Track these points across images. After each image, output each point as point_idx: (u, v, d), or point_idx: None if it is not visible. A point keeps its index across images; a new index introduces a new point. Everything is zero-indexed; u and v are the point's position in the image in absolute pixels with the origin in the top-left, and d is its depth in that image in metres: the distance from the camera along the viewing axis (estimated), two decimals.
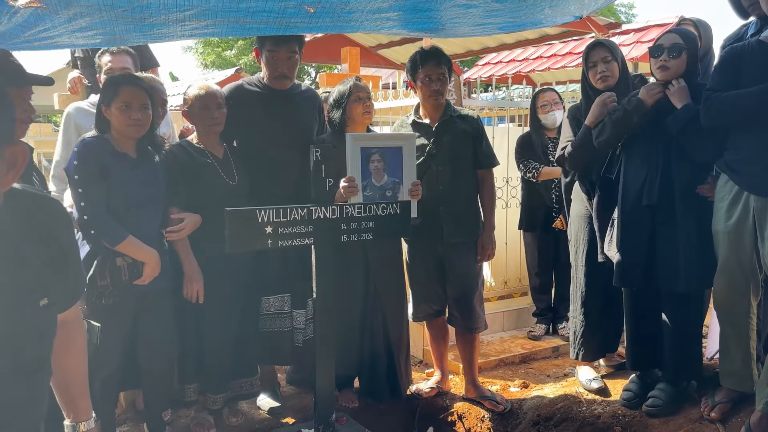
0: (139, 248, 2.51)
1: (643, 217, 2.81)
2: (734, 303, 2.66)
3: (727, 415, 2.71)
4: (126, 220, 2.52)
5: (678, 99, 2.67)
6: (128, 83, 2.52)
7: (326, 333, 2.62)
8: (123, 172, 2.52)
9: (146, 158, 2.63)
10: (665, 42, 2.72)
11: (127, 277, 2.50)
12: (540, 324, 4.45)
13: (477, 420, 3.32)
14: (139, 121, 2.51)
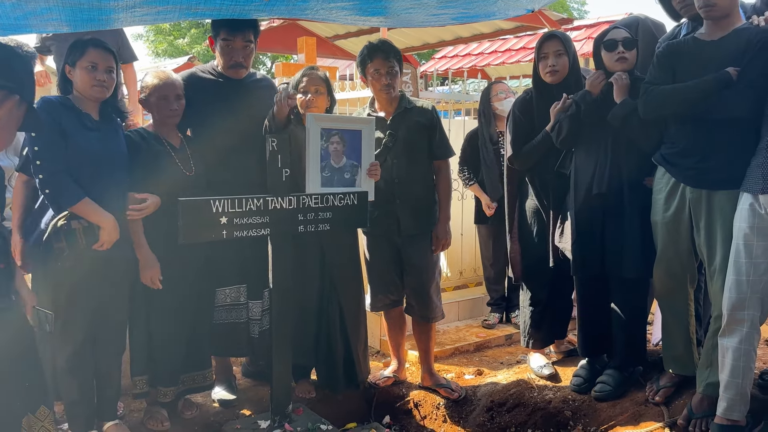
0: (95, 211, 2.44)
1: (594, 207, 2.90)
2: (673, 291, 2.78)
3: (671, 398, 2.83)
4: (84, 182, 2.44)
5: (618, 94, 2.77)
6: (96, 45, 2.48)
7: (282, 324, 2.61)
8: (83, 131, 2.45)
9: (109, 122, 2.57)
10: (617, 36, 2.81)
11: (84, 241, 2.44)
12: (494, 313, 4.54)
13: (433, 407, 3.38)
14: (104, 83, 2.47)
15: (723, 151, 2.47)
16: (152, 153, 2.73)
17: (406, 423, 3.39)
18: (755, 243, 2.34)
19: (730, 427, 2.42)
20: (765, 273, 2.36)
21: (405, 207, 3.18)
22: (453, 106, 5.30)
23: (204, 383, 3.04)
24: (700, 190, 2.55)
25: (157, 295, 2.75)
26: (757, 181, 2.33)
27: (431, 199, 3.27)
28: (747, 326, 2.39)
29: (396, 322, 3.56)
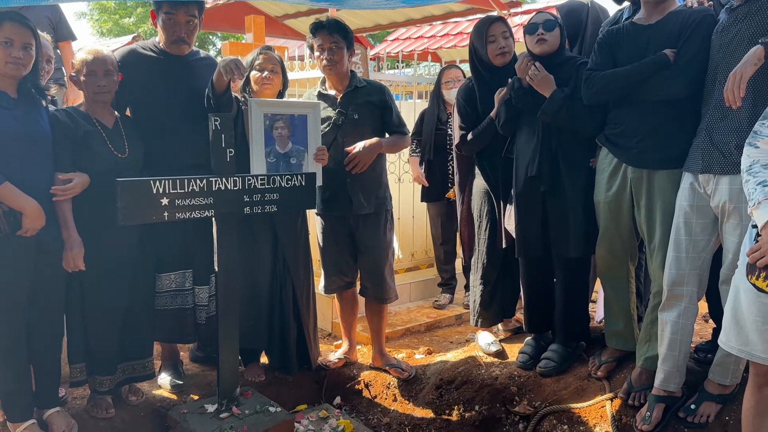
0: (15, 196, 2.33)
1: (533, 189, 2.95)
2: (614, 268, 2.86)
3: (612, 372, 2.92)
4: (2, 164, 2.32)
5: (543, 88, 2.81)
6: (12, 19, 2.34)
7: (229, 307, 2.57)
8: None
9: (28, 100, 2.44)
10: (538, 19, 2.85)
11: (7, 228, 2.33)
12: (444, 294, 4.60)
13: (383, 387, 3.40)
14: (20, 60, 2.34)
15: (662, 131, 2.54)
16: (81, 133, 2.61)
17: (357, 403, 3.40)
18: (694, 221, 2.43)
19: (666, 398, 2.52)
20: (703, 250, 2.45)
21: (356, 187, 3.16)
22: (404, 89, 5.29)
23: (144, 372, 2.95)
24: (641, 169, 2.62)
25: (90, 279, 2.65)
26: (696, 161, 2.40)
27: (382, 178, 3.27)
28: (685, 301, 2.48)
29: (348, 303, 3.56)
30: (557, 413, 2.78)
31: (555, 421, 2.76)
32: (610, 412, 2.64)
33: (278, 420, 2.61)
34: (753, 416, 2.07)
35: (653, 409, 2.50)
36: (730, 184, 2.29)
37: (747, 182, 1.95)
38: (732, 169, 2.27)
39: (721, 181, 2.32)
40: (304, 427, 2.96)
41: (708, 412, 2.47)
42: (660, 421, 2.48)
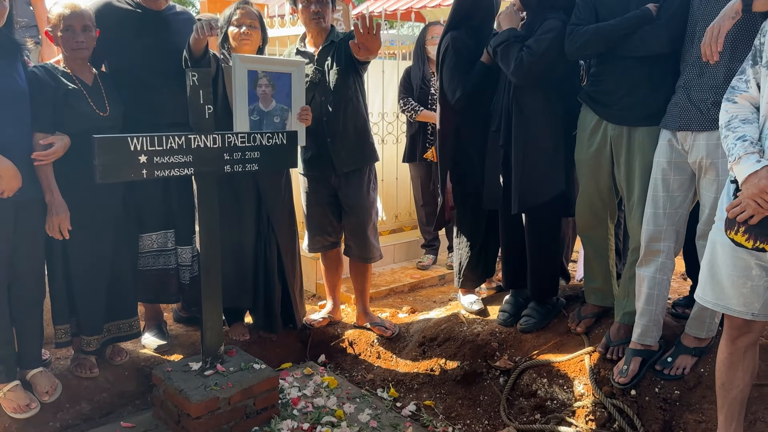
0: None
1: (496, 142, 2.98)
2: (594, 226, 2.89)
3: (591, 328, 2.97)
4: None
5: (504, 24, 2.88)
6: None
7: (211, 265, 2.56)
8: None
9: (3, 55, 2.37)
10: None
11: None
12: (428, 255, 4.63)
13: (367, 345, 3.44)
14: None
15: (644, 88, 2.54)
16: (61, 91, 2.56)
17: (341, 361, 3.44)
18: (672, 177, 2.44)
19: (643, 351, 2.57)
20: (680, 206, 2.47)
21: (336, 144, 3.14)
22: (386, 48, 5.21)
23: (130, 332, 2.96)
24: (621, 126, 2.62)
25: (74, 241, 2.63)
26: (674, 118, 2.41)
27: (364, 133, 3.23)
28: (663, 257, 2.51)
29: (333, 263, 3.57)
30: (537, 367, 2.83)
31: (535, 375, 2.82)
32: (589, 365, 2.69)
33: (263, 376, 2.63)
34: (726, 367, 2.13)
35: (630, 362, 2.55)
36: (707, 140, 2.30)
37: (726, 138, 1.96)
38: (709, 126, 2.28)
39: (698, 137, 2.33)
40: (288, 384, 2.99)
41: (684, 364, 2.53)
42: (637, 374, 2.53)
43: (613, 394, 2.56)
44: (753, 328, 2.06)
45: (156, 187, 2.93)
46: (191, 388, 2.50)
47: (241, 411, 2.56)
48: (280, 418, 2.66)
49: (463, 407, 2.93)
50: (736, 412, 2.15)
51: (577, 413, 2.59)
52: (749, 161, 1.85)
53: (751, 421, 2.29)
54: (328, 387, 3.00)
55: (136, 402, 2.90)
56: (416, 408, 2.96)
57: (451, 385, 3.04)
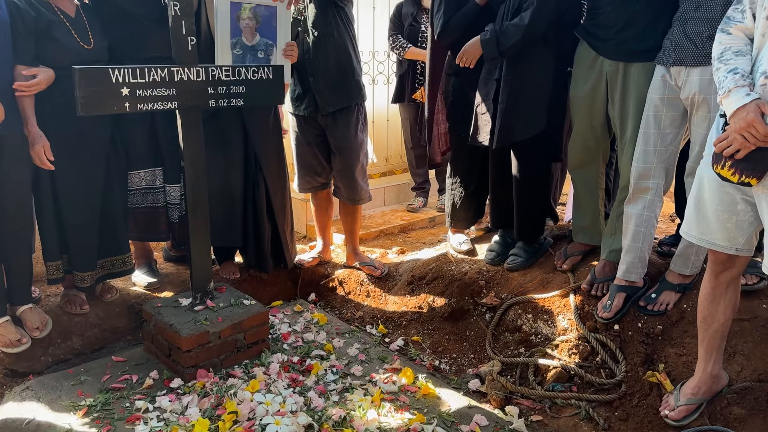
0: None
1: (491, 77, 2.91)
2: (586, 164, 2.88)
3: (577, 266, 3.01)
4: None
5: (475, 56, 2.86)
6: None
7: (198, 201, 2.54)
8: None
9: None
10: None
11: None
12: (418, 197, 4.63)
13: (357, 284, 3.47)
14: None
15: (641, 22, 2.48)
16: (43, 22, 2.48)
17: (331, 299, 3.48)
18: (664, 114, 2.42)
19: (627, 287, 2.61)
20: (671, 143, 2.46)
21: (319, 83, 3.08)
22: None
23: (123, 268, 2.98)
24: (617, 62, 2.58)
25: (62, 177, 2.62)
26: (669, 53, 2.36)
27: (349, 71, 3.16)
28: (651, 194, 2.52)
29: (323, 204, 3.56)
30: (522, 303, 2.88)
31: (520, 311, 2.86)
32: (573, 301, 2.74)
33: (253, 312, 2.65)
34: (708, 301, 2.16)
35: (614, 297, 2.59)
36: (700, 75, 2.27)
37: (717, 70, 1.93)
38: (703, 61, 2.25)
39: (692, 72, 2.30)
40: (279, 320, 3.03)
41: (667, 300, 2.57)
42: (620, 309, 2.58)
43: (597, 329, 2.62)
44: (736, 263, 2.08)
45: (143, 123, 2.89)
46: (181, 322, 2.53)
47: (231, 345, 2.60)
48: (270, 351, 2.70)
49: (449, 342, 2.98)
50: (716, 345, 2.20)
51: (560, 347, 2.65)
52: (739, 94, 1.82)
53: (731, 354, 2.34)
54: (317, 323, 3.04)
55: (127, 338, 2.94)
56: (404, 343, 3.01)
57: (439, 321, 3.09)
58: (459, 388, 2.60)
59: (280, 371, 2.55)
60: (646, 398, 2.34)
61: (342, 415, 2.25)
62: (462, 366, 2.85)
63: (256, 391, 2.36)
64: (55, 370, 2.64)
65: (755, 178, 1.83)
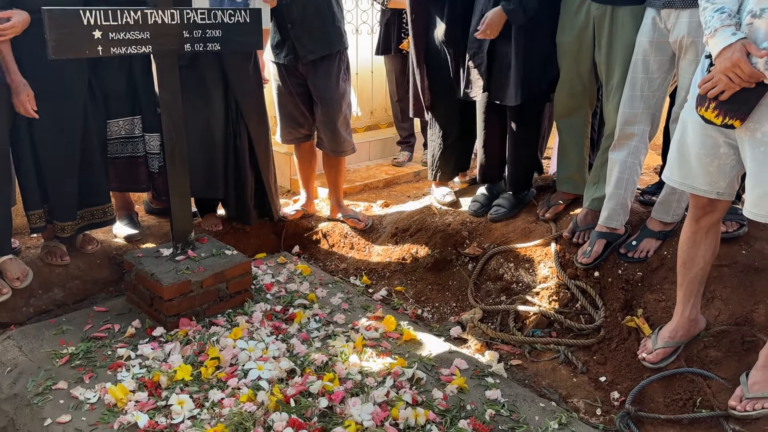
0: None
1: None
2: (573, 112, 2.85)
3: (560, 215, 3.01)
4: None
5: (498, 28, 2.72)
6: None
7: (175, 148, 2.50)
8: None
9: None
10: None
11: None
12: (403, 151, 4.58)
13: (341, 237, 3.46)
14: None
15: None
16: None
17: (315, 252, 3.48)
18: (652, 58, 2.39)
19: (608, 234, 2.62)
20: (658, 89, 2.43)
21: (297, 30, 3.01)
22: None
23: (104, 218, 2.94)
24: (604, 6, 2.53)
25: (40, 125, 2.55)
26: None
27: (328, 17, 3.08)
28: (636, 140, 2.50)
29: (306, 156, 3.52)
30: (504, 253, 2.89)
31: (502, 260, 2.87)
32: (555, 250, 2.75)
33: (235, 261, 2.64)
34: (688, 246, 2.18)
35: (594, 243, 2.60)
36: (690, 17, 2.24)
37: (704, 10, 1.90)
38: (693, 3, 2.21)
39: (681, 15, 2.26)
40: (262, 271, 3.03)
41: (648, 247, 2.59)
42: (600, 255, 2.59)
43: (577, 276, 2.63)
44: (717, 208, 2.09)
45: (121, 70, 2.81)
46: (162, 272, 2.52)
47: (214, 294, 2.60)
48: (253, 301, 2.70)
49: (432, 292, 3.00)
50: (695, 289, 2.23)
51: (540, 294, 2.67)
52: (725, 34, 1.80)
53: (709, 299, 2.37)
54: (301, 274, 3.04)
55: (109, 289, 2.93)
56: (387, 293, 3.02)
57: (422, 272, 3.10)
58: (441, 335, 2.63)
59: (263, 319, 2.56)
60: (624, 342, 2.38)
61: (324, 360, 2.27)
62: (444, 314, 2.87)
63: (239, 338, 2.37)
64: (37, 320, 2.63)
65: (738, 119, 1.82)
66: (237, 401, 2.03)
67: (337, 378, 2.16)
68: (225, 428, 1.89)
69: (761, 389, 1.99)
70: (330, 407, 2.02)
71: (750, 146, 1.84)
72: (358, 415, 1.96)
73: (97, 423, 1.96)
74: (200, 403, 2.05)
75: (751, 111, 1.80)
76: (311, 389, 2.08)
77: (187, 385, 2.12)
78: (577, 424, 2.01)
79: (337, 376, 2.17)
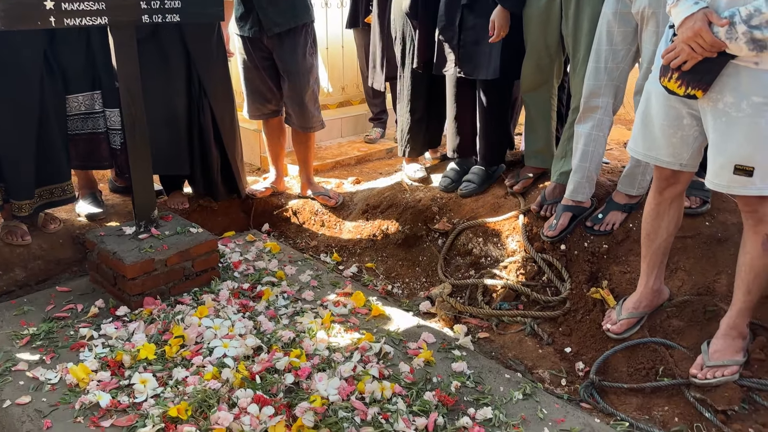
0: None
1: (455, 5, 2.81)
2: (540, 85, 2.84)
3: (528, 189, 3.01)
4: None
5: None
6: None
7: (136, 124, 2.44)
8: None
9: None
10: None
11: None
12: (376, 128, 4.54)
13: (311, 214, 3.43)
14: None
15: None
16: None
17: (285, 229, 3.45)
18: (616, 30, 2.38)
19: (574, 207, 2.63)
20: (623, 60, 2.43)
21: (263, 1, 2.94)
22: None
23: (64, 196, 2.87)
24: None
25: None
26: None
27: None
28: (600, 113, 2.50)
29: (274, 132, 3.47)
30: (474, 228, 2.88)
31: (471, 235, 2.87)
32: (522, 224, 2.75)
33: (200, 239, 2.60)
34: (652, 218, 2.19)
35: (560, 217, 2.61)
36: None
37: None
38: None
39: None
40: (230, 249, 2.99)
41: (614, 220, 2.60)
42: (565, 228, 2.60)
43: (544, 250, 2.64)
44: (680, 179, 2.10)
45: (79, 43, 2.73)
46: (125, 250, 2.47)
47: (179, 273, 2.56)
48: (220, 279, 2.67)
49: (402, 268, 2.99)
50: (658, 261, 2.25)
51: (508, 268, 2.68)
52: (687, 3, 1.79)
53: (673, 270, 2.40)
54: (270, 252, 3.01)
55: (72, 269, 2.87)
56: (358, 270, 3.01)
57: (393, 248, 3.09)
58: (410, 310, 2.63)
59: (230, 298, 2.53)
60: (589, 314, 2.40)
61: (291, 336, 2.25)
62: (414, 290, 2.87)
63: (205, 316, 2.34)
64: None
65: (701, 90, 1.82)
66: (201, 379, 2.01)
67: (304, 354, 2.15)
68: (188, 406, 1.87)
69: (721, 357, 2.02)
70: (296, 383, 2.01)
71: (712, 117, 1.85)
72: (324, 389, 1.95)
73: (57, 404, 1.92)
74: (164, 381, 2.02)
75: (713, 81, 1.80)
76: (277, 366, 2.06)
77: (151, 364, 2.10)
78: (541, 394, 2.03)
79: (304, 353, 2.16)
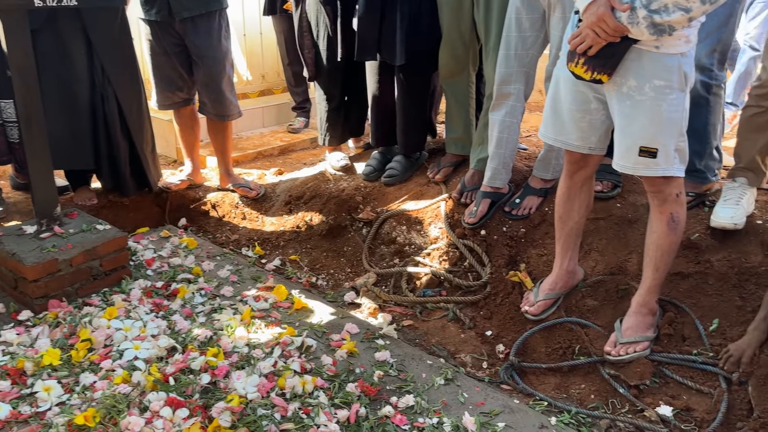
0: None
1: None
2: (456, 73, 2.86)
3: (450, 177, 3.03)
4: None
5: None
6: None
7: (32, 116, 2.27)
8: None
9: None
10: None
11: None
12: (299, 117, 4.46)
13: (231, 207, 3.33)
14: None
15: None
16: None
17: (204, 224, 3.33)
18: (524, 16, 2.41)
19: (492, 193, 2.66)
20: (531, 47, 2.46)
21: None
22: None
23: None
24: None
25: None
26: None
27: None
28: (512, 100, 2.53)
29: (187, 122, 3.33)
30: (397, 216, 2.88)
31: (395, 224, 2.86)
32: (444, 211, 2.77)
33: (108, 237, 2.46)
34: (564, 201, 2.24)
35: (480, 203, 2.64)
36: None
37: None
38: None
39: None
40: (143, 246, 2.85)
41: (531, 204, 2.66)
42: (485, 214, 2.63)
43: (465, 236, 2.67)
44: (589, 163, 2.15)
45: None
46: (25, 251, 2.30)
47: (86, 273, 2.41)
48: (131, 278, 2.54)
49: (327, 259, 2.95)
50: (571, 242, 2.31)
51: (432, 255, 2.69)
52: None
53: (587, 251, 2.47)
54: (186, 248, 2.89)
55: None
56: (281, 263, 2.95)
57: (317, 239, 3.04)
58: (335, 301, 2.59)
59: (142, 297, 2.41)
60: (509, 297, 2.44)
61: (208, 335, 2.17)
62: (339, 281, 2.84)
63: (114, 317, 2.22)
64: None
65: (606, 74, 1.87)
66: (111, 384, 1.90)
67: (222, 352, 2.07)
68: (96, 412, 1.76)
69: (633, 334, 2.10)
70: (213, 383, 1.94)
71: (617, 100, 1.90)
72: (242, 388, 1.89)
73: None
74: (70, 388, 1.90)
75: (617, 65, 1.85)
76: (193, 366, 1.98)
77: (56, 370, 1.97)
78: (462, 378, 2.04)
79: (222, 351, 2.08)
